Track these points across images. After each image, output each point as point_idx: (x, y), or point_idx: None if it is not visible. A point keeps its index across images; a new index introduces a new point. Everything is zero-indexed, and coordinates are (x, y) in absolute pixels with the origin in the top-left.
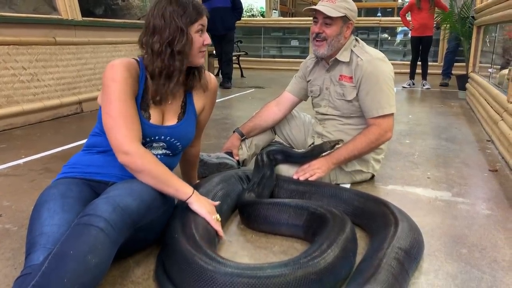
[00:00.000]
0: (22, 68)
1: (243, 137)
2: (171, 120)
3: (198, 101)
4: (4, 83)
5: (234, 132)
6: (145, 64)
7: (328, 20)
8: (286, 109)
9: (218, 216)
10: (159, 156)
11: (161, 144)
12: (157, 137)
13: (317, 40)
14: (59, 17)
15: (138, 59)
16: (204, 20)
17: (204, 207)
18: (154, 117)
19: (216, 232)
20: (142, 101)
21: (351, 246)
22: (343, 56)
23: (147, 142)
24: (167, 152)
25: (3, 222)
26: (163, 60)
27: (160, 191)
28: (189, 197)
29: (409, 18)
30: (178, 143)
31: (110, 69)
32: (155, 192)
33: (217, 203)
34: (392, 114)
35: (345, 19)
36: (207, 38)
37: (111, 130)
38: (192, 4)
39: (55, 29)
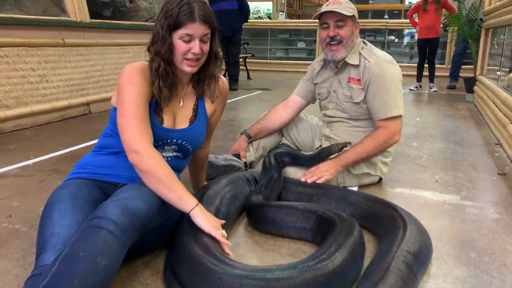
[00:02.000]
0: (31, 69)
1: (251, 139)
2: (183, 124)
3: (210, 104)
4: (14, 84)
5: (241, 134)
6: None
7: (340, 22)
8: (293, 112)
9: (224, 231)
10: (169, 159)
11: (173, 147)
12: (169, 140)
13: (331, 45)
14: (68, 19)
15: None
16: (192, 30)
17: (208, 221)
18: (167, 121)
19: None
20: (156, 105)
21: (359, 249)
22: (352, 58)
23: (159, 145)
24: (178, 154)
25: (13, 223)
26: (150, 57)
27: (163, 198)
28: (193, 209)
29: (416, 20)
30: (189, 146)
31: (127, 72)
32: None
33: (223, 221)
34: (400, 116)
35: (353, 18)
36: (195, 48)
37: (124, 130)
38: (181, 10)
39: (64, 31)
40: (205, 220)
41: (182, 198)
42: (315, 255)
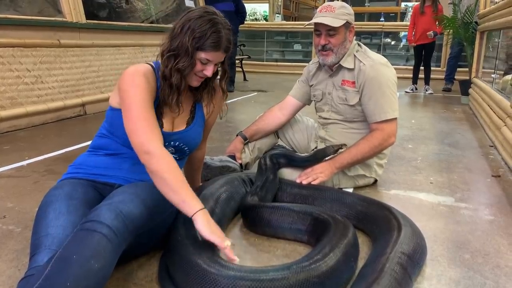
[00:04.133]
0: (27, 70)
1: (246, 140)
2: (180, 126)
3: (207, 106)
4: (9, 85)
5: (237, 135)
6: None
7: (332, 31)
8: (289, 114)
9: (229, 242)
10: None
11: (170, 149)
12: (167, 143)
13: (323, 51)
14: (64, 19)
15: (153, 64)
16: (213, 57)
17: (209, 227)
18: (166, 125)
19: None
20: (157, 109)
21: (353, 251)
22: (347, 62)
23: None
24: (175, 156)
25: (7, 224)
26: (166, 67)
27: (166, 198)
28: (195, 213)
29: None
30: (186, 148)
31: (129, 75)
32: (159, 198)
33: (229, 241)
34: (395, 119)
35: (347, 24)
36: (208, 71)
37: (132, 133)
38: (211, 36)
39: (59, 32)
40: (206, 225)
41: (185, 201)
42: (309, 256)
